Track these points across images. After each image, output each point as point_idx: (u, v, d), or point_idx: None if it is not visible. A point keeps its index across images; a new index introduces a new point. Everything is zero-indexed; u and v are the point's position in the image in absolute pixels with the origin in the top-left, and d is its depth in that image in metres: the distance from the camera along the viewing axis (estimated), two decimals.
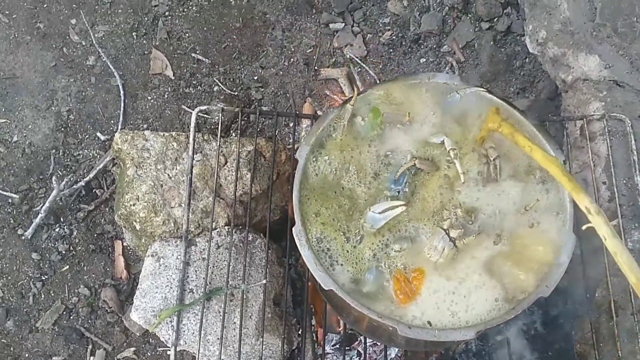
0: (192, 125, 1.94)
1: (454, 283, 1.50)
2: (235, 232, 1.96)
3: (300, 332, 2.11)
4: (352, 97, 1.63)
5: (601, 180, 2.02)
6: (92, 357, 2.16)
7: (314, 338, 2.11)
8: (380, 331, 1.69)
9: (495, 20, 2.74)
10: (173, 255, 1.90)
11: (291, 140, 2.28)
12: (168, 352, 2.17)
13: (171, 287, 1.86)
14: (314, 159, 1.62)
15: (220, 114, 2.00)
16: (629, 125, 2.03)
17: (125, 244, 2.31)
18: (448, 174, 1.62)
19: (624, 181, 1.99)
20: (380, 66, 2.69)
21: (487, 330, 1.60)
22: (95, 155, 2.44)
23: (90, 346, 2.18)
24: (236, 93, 2.57)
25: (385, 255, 1.53)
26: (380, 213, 1.51)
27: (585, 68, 2.18)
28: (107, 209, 2.37)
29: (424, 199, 1.59)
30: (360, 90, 1.68)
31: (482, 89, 1.66)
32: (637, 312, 1.82)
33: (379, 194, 1.59)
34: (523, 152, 1.58)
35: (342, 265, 1.51)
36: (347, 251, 1.53)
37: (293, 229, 1.53)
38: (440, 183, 1.61)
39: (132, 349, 2.18)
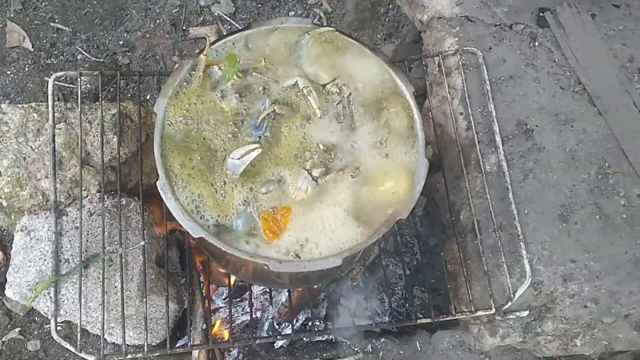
0: (50, 92, 1.88)
1: (318, 216, 1.57)
2: (108, 198, 1.93)
3: (190, 292, 2.13)
4: (204, 47, 1.64)
5: (458, 112, 2.15)
6: None
7: (204, 295, 2.13)
8: (262, 275, 1.74)
9: None
10: (44, 227, 1.86)
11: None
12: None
13: (45, 260, 1.82)
14: (173, 112, 1.62)
15: (79, 79, 1.95)
16: (481, 57, 2.16)
17: None
18: (306, 115, 1.66)
19: (479, 110, 2.12)
20: (250, 22, 2.68)
21: (363, 259, 1.69)
22: None
23: None
24: (102, 60, 2.50)
25: (253, 199, 1.57)
26: (238, 159, 1.54)
27: (439, 6, 2.28)
28: None
29: (285, 142, 1.64)
30: (213, 40, 1.68)
31: (330, 28, 1.71)
32: (498, 229, 1.97)
33: (240, 142, 1.62)
34: (373, 90, 1.66)
35: (211, 213, 1.54)
36: (217, 200, 1.55)
37: (157, 182, 1.53)
38: (300, 124, 1.65)
39: (17, 329, 2.11)
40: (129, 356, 1.75)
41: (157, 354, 1.79)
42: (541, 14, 2.28)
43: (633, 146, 2.12)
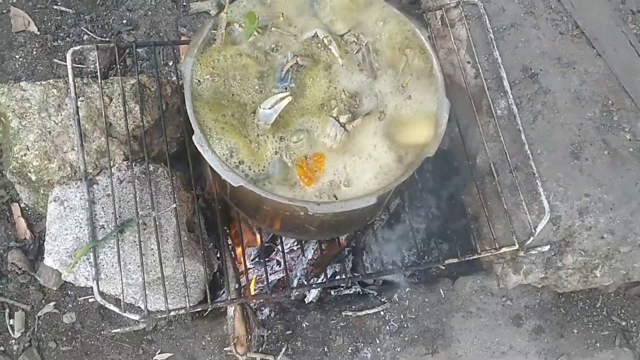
0: (69, 65, 1.91)
1: (350, 160, 1.63)
2: (135, 166, 1.97)
3: (218, 255, 2.19)
4: (225, 5, 1.69)
5: (465, 61, 2.21)
6: (11, 320, 2.12)
7: (233, 257, 2.19)
8: (294, 223, 1.80)
9: None
10: (76, 196, 1.89)
11: (174, 77, 2.28)
12: (90, 300, 2.19)
13: (81, 227, 1.85)
14: (200, 70, 1.67)
15: (96, 52, 1.98)
16: (482, 7, 2.22)
17: (22, 205, 2.25)
18: (328, 65, 1.72)
19: (485, 58, 2.19)
20: None
21: (387, 209, 1.76)
22: None
23: (7, 310, 2.13)
24: (107, 39, 2.53)
25: (285, 148, 1.62)
26: (270, 108, 1.59)
27: None
28: None
29: (310, 93, 1.70)
30: None
31: None
32: (514, 169, 2.04)
33: (267, 95, 1.67)
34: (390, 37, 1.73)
35: (247, 163, 1.59)
36: (252, 150, 1.61)
37: (193, 137, 1.58)
38: (323, 74, 1.71)
39: (52, 303, 2.16)
40: (172, 313, 1.80)
41: (198, 309, 1.84)
42: None
43: (633, 83, 2.21)
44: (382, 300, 2.27)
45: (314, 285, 2.13)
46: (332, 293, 2.33)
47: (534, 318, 2.32)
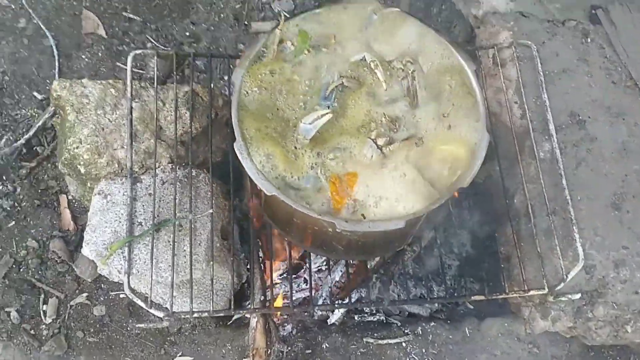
0: (129, 67, 2.01)
1: (383, 182, 1.65)
2: (179, 169, 2.04)
3: (248, 267, 2.22)
4: (279, 22, 1.76)
5: (513, 101, 2.22)
6: (45, 306, 2.20)
7: (262, 269, 2.22)
8: (322, 239, 1.82)
9: None
10: (119, 192, 1.98)
11: (227, 91, 2.36)
12: (121, 295, 2.26)
13: (120, 222, 1.93)
14: (249, 82, 1.74)
15: (155, 58, 2.08)
16: (535, 50, 2.23)
17: (70, 197, 2.35)
18: (373, 89, 1.77)
19: (534, 100, 2.19)
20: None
21: (420, 231, 1.77)
22: (34, 114, 2.46)
23: (42, 296, 2.21)
24: (169, 49, 2.64)
25: (321, 164, 1.66)
26: (310, 123, 1.64)
27: (494, 2, 2.38)
28: (49, 165, 2.40)
29: (352, 113, 1.74)
30: (288, 16, 1.79)
31: (394, 9, 1.82)
32: (551, 213, 2.02)
33: (310, 112, 1.72)
34: (437, 67, 1.76)
35: (282, 172, 1.63)
36: (288, 160, 1.65)
37: (234, 144, 1.64)
38: (367, 97, 1.76)
39: (85, 294, 2.23)
40: (195, 315, 1.84)
41: (221, 314, 1.87)
42: (593, 12, 2.36)
43: None
44: (406, 331, 2.25)
45: (336, 305, 2.14)
46: (356, 318, 2.32)
47: None
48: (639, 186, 2.09)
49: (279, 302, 2.21)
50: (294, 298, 2.30)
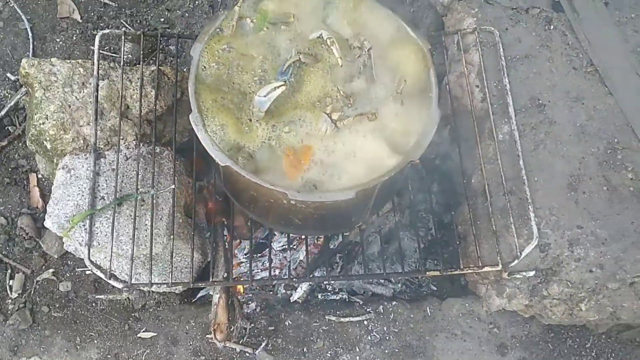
0: (96, 45, 2.05)
1: (336, 155, 1.69)
2: (143, 146, 2.08)
3: (213, 246, 2.26)
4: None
5: (474, 84, 2.26)
6: (11, 281, 2.24)
7: (226, 247, 2.26)
8: (278, 213, 1.86)
9: None
10: (83, 167, 2.01)
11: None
12: (87, 272, 2.29)
13: (83, 195, 1.97)
14: (207, 57, 1.78)
15: (123, 37, 2.12)
16: (497, 35, 2.27)
17: (39, 175, 2.38)
18: (329, 66, 1.81)
19: (495, 84, 2.23)
20: None
21: (378, 209, 1.81)
22: (7, 95, 2.50)
23: (9, 271, 2.25)
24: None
25: (276, 137, 1.71)
26: (264, 96, 1.68)
27: None
28: (20, 144, 2.44)
29: (308, 89, 1.78)
30: None
31: None
32: (508, 193, 2.06)
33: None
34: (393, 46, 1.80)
35: (237, 145, 1.67)
36: (243, 134, 1.69)
37: (190, 116, 1.68)
38: (323, 74, 1.80)
39: (51, 270, 2.26)
40: (154, 287, 1.88)
41: (179, 286, 1.91)
42: (556, 0, 2.40)
43: None
44: (367, 310, 2.29)
45: (294, 280, 2.18)
46: (319, 297, 2.36)
47: (520, 349, 2.29)
48: (595, 168, 2.13)
49: (242, 279, 2.25)
50: (258, 277, 2.33)
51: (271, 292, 2.32)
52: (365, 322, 2.27)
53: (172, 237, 1.96)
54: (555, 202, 2.08)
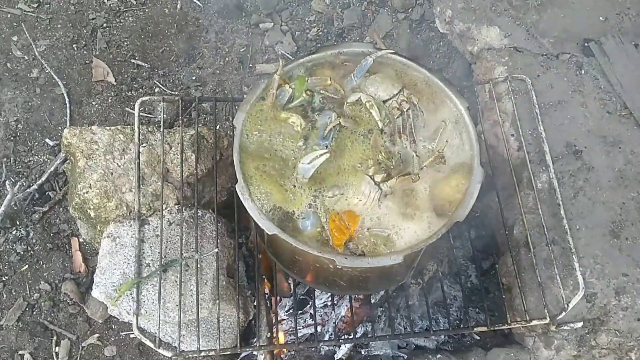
0: (136, 112, 2.09)
1: (381, 219, 1.70)
2: (185, 210, 2.11)
3: (255, 304, 2.26)
4: (278, 68, 1.83)
5: (509, 133, 2.27)
6: (57, 348, 2.26)
7: (269, 306, 2.26)
8: (324, 276, 1.87)
9: (409, 10, 3.01)
10: (128, 234, 2.04)
11: (232, 129, 2.43)
12: (131, 335, 2.30)
13: (129, 263, 1.99)
14: (249, 125, 1.81)
15: (162, 103, 2.16)
16: (530, 83, 2.29)
17: (81, 239, 2.42)
18: (369, 129, 1.83)
19: (530, 132, 2.24)
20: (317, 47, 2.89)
21: (422, 264, 1.81)
22: (46, 160, 2.56)
23: (54, 337, 2.27)
24: (176, 93, 2.74)
25: (320, 203, 1.72)
26: (308, 163, 1.70)
27: (488, 39, 2.45)
28: (61, 209, 2.48)
29: (350, 153, 1.80)
30: (286, 62, 1.87)
31: (389, 51, 1.89)
32: (550, 243, 2.05)
33: (309, 152, 1.78)
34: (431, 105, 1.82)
35: (283, 212, 1.69)
36: (287, 201, 1.71)
37: (236, 185, 1.70)
38: (363, 137, 1.82)
39: (96, 335, 2.28)
40: (202, 353, 1.88)
41: (228, 352, 1.91)
42: (586, 44, 2.41)
43: None
44: None
45: (341, 340, 2.17)
46: (362, 352, 2.35)
47: None
48: (636, 213, 2.12)
49: (284, 339, 2.24)
50: (300, 334, 2.32)
51: (314, 350, 2.31)
52: None
53: (217, 301, 1.97)
54: (598, 250, 2.07)
